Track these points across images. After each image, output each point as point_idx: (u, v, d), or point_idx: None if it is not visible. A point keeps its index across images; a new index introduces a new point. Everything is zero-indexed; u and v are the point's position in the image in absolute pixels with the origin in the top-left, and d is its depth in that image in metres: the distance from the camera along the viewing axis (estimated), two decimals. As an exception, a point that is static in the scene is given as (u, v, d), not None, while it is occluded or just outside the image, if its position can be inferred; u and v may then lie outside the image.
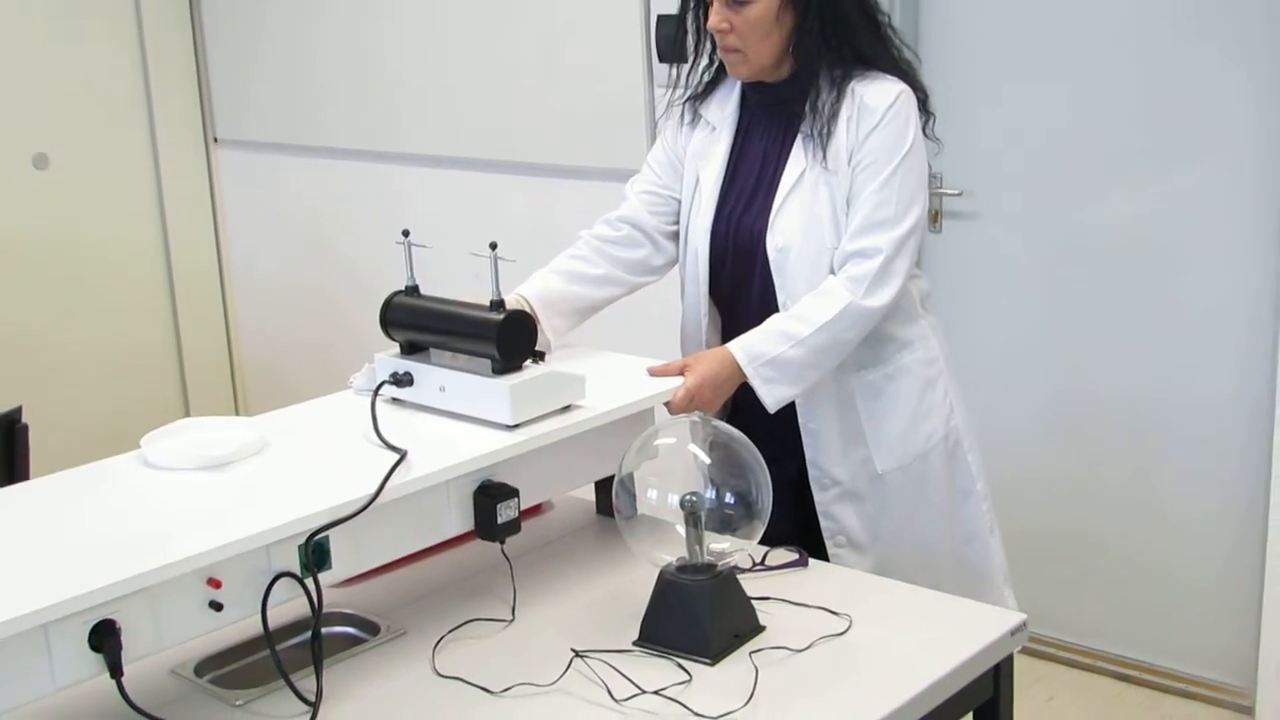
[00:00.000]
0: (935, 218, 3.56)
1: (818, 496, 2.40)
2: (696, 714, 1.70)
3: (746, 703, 1.72)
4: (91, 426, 4.34)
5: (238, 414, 5.03)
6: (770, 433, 2.18)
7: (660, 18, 3.59)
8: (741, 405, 2.31)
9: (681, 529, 1.88)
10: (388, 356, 2.15)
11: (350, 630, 2.04)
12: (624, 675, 1.80)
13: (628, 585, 2.04)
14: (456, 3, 4.11)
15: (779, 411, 2.27)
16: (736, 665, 1.82)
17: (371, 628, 2.02)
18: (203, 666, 1.92)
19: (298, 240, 4.89)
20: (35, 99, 4.61)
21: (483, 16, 4.06)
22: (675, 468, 1.93)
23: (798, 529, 2.36)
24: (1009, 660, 1.94)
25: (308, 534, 1.74)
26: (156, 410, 4.70)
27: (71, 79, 4.68)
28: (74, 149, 4.72)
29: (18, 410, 3.05)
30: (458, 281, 2.22)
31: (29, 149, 4.61)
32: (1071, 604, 3.58)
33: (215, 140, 5.04)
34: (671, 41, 2.50)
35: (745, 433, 1.96)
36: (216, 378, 5.20)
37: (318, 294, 4.84)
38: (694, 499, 1.87)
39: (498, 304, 2.04)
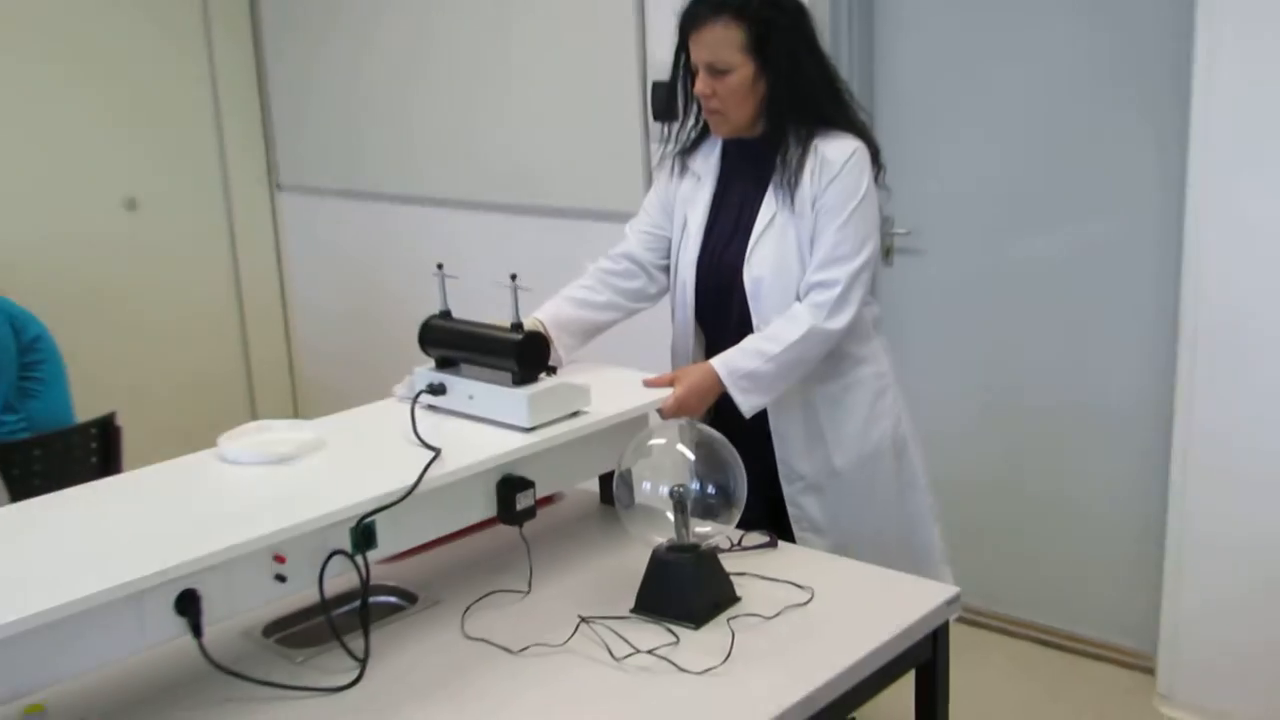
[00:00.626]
0: (888, 253, 3.57)
1: (785, 488, 2.41)
2: (683, 669, 1.72)
3: (724, 660, 1.74)
4: (173, 429, 4.34)
5: (298, 418, 5.04)
6: (746, 435, 2.18)
7: (655, 84, 3.61)
8: (722, 411, 2.31)
9: (671, 515, 1.90)
10: (425, 370, 2.16)
11: (393, 599, 2.05)
12: (622, 637, 1.81)
13: (626, 562, 2.05)
14: (488, 74, 4.13)
15: (753, 416, 2.28)
16: (716, 629, 1.84)
17: (411, 597, 2.03)
18: (269, 629, 1.94)
19: (347, 272, 4.89)
20: (127, 150, 4.62)
21: (508, 85, 4.08)
22: (666, 464, 1.94)
23: (769, 515, 2.37)
24: (945, 626, 1.95)
25: (358, 518, 1.76)
26: (230, 415, 4.71)
27: (158, 132, 4.70)
28: (159, 193, 4.73)
29: (112, 414, 3.08)
30: (483, 307, 2.24)
31: (121, 193, 4.64)
32: (1001, 581, 3.58)
33: (278, 186, 5.06)
34: (665, 104, 2.51)
35: (725, 434, 1.97)
36: (280, 388, 5.20)
37: (365, 317, 4.84)
38: (681, 490, 1.89)
39: (517, 326, 2.05)
